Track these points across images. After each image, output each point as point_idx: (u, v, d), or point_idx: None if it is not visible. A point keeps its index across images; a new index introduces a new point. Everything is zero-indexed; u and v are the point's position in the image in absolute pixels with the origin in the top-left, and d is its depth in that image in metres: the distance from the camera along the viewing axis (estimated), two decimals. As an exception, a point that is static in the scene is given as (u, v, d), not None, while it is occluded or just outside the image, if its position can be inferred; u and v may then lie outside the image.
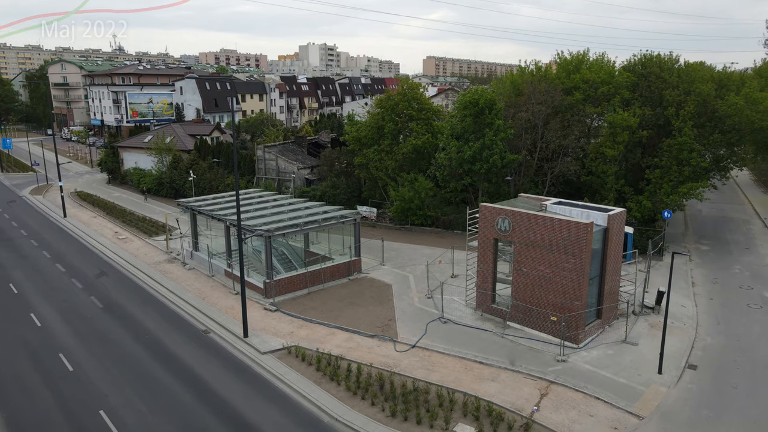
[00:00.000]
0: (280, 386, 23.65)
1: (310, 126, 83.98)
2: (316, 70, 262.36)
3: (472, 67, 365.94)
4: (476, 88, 45.92)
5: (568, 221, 25.58)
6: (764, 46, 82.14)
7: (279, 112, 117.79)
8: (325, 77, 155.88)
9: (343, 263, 35.94)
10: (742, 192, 60.70)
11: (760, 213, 51.03)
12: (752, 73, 62.87)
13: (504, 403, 21.47)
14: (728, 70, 48.86)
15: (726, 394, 22.15)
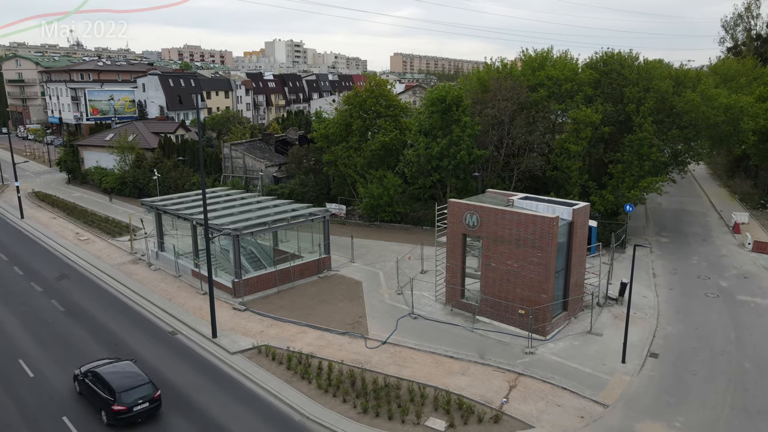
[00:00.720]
0: (250, 386, 23.42)
1: (277, 123, 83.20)
2: (283, 66, 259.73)
3: (439, 63, 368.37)
4: (443, 84, 46.29)
5: (535, 216, 26.04)
6: (719, 44, 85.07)
7: (245, 109, 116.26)
8: (292, 74, 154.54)
9: (312, 261, 35.77)
10: (699, 185, 62.84)
11: (716, 205, 52.94)
12: (708, 70, 65.06)
13: (474, 396, 21.76)
14: (685, 68, 50.46)
15: (686, 381, 22.95)
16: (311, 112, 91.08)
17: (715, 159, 64.96)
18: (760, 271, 35.46)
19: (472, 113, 43.06)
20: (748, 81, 55.20)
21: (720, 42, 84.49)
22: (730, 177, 64.14)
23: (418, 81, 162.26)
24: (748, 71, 59.96)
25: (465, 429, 19.99)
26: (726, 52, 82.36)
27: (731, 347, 25.75)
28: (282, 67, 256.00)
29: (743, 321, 28.49)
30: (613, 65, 43.48)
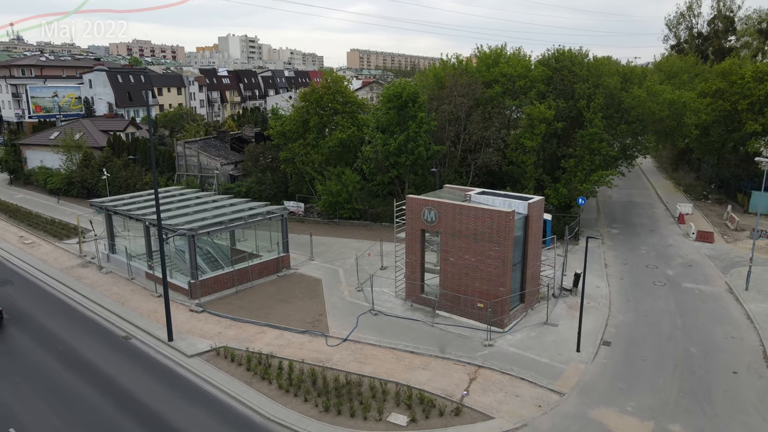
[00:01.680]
0: (208, 389, 22.95)
1: (232, 120, 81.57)
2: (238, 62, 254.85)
3: (395, 60, 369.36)
4: (400, 81, 46.43)
5: (492, 210, 26.47)
6: (663, 42, 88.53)
7: (199, 106, 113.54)
8: (247, 70, 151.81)
9: (271, 260, 35.32)
10: (646, 178, 65.31)
11: (662, 197, 55.14)
12: (653, 67, 67.61)
13: (435, 390, 21.99)
14: (631, 65, 52.25)
15: (636, 367, 23.85)
16: (267, 108, 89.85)
17: (660, 152, 67.63)
18: (703, 260, 37.15)
19: (428, 109, 43.38)
20: (690, 77, 57.76)
21: (664, 40, 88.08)
22: (675, 169, 66.93)
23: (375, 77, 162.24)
24: (690, 68, 62.72)
25: (427, 423, 20.17)
26: (669, 50, 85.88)
27: (678, 333, 26.90)
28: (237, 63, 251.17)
29: (688, 307, 29.80)
30: (564, 62, 44.63)
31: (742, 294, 30.98)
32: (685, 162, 66.39)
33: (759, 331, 26.65)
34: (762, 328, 26.96)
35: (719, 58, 71.92)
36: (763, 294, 30.95)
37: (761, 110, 46.91)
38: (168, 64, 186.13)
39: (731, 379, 22.83)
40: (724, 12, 77.21)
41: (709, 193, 54.71)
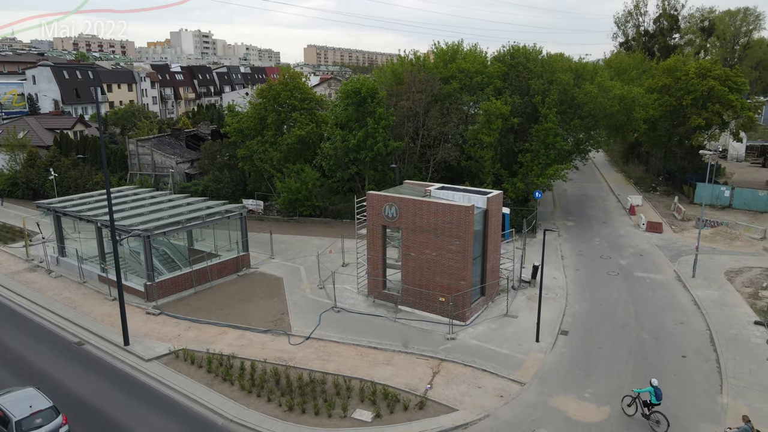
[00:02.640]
0: (168, 393, 22.39)
1: (187, 117, 79.59)
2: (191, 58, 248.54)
3: (353, 56, 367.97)
4: (358, 77, 46.33)
5: (451, 205, 26.76)
6: (612, 39, 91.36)
7: (152, 103, 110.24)
8: (202, 66, 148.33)
9: (230, 259, 34.71)
10: (599, 171, 67.35)
11: (614, 190, 57.01)
12: (603, 64, 69.66)
13: (399, 385, 22.11)
14: (583, 61, 53.74)
15: (593, 354, 24.61)
16: (223, 105, 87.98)
17: (612, 146, 69.82)
18: (653, 249, 38.62)
19: (387, 105, 43.46)
20: (638, 74, 59.74)
21: (613, 37, 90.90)
22: (626, 163, 69.29)
23: (332, 73, 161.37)
24: (638, 64, 64.88)
25: (391, 418, 20.27)
26: (619, 47, 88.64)
27: (631, 320, 27.90)
28: (190, 58, 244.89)
29: (640, 295, 30.95)
30: (519, 59, 45.49)
31: (690, 281, 32.38)
32: (634, 155, 68.80)
33: (705, 317, 27.92)
34: (708, 313, 28.25)
35: (665, 55, 74.69)
36: (708, 281, 32.43)
37: (704, 105, 49.02)
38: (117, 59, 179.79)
39: (681, 363, 23.85)
40: (668, 11, 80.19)
41: (658, 185, 56.89)
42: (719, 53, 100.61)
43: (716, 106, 48.52)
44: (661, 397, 19.56)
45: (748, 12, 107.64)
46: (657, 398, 19.55)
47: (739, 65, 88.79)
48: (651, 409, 19.58)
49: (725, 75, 49.96)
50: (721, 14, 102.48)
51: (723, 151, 69.24)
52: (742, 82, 50.89)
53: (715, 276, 33.11)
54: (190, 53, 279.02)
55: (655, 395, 19.54)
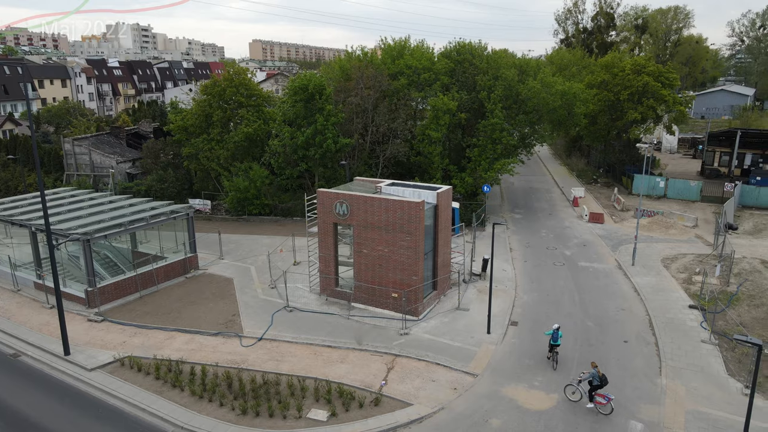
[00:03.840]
0: (114, 403, 21.54)
1: (127, 115, 76.58)
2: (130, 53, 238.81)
3: (300, 51, 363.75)
4: (305, 73, 45.87)
5: (402, 201, 26.91)
6: (553, 36, 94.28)
7: (88, 99, 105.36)
8: (142, 61, 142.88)
9: (177, 261, 33.70)
10: (544, 165, 69.38)
11: (558, 182, 58.87)
12: (545, 60, 71.70)
13: (354, 383, 22.11)
14: (526, 58, 55.11)
15: (541, 343, 25.35)
16: (166, 102, 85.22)
17: (555, 140, 71.96)
18: (595, 239, 40.16)
19: (335, 101, 43.22)
20: (579, 69, 61.80)
21: (554, 34, 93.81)
22: (568, 156, 71.66)
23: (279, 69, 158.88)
24: (578, 61, 67.12)
25: (347, 416, 20.26)
26: (559, 44, 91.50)
27: (576, 309, 28.94)
28: (129, 53, 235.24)
29: (585, 284, 32.13)
30: (465, 55, 46.17)
31: (630, 269, 33.87)
32: (577, 149, 71.25)
33: (645, 302, 29.29)
34: (647, 299, 29.65)
35: (602, 52, 77.69)
36: (647, 268, 34.02)
37: (639, 100, 51.29)
38: (49, 53, 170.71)
39: (623, 347, 24.94)
40: (605, 9, 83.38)
41: (599, 177, 59.15)
42: (652, 50, 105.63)
43: (650, 101, 50.86)
44: (557, 338, 23.21)
45: (678, 10, 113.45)
46: (554, 339, 23.22)
47: (671, 61, 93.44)
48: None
49: (658, 71, 52.40)
50: (653, 12, 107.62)
51: (657, 144, 72.68)
52: (673, 78, 53.54)
53: (653, 263, 34.76)
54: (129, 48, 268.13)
55: (553, 337, 23.22)
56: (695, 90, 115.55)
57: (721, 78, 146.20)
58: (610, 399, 20.05)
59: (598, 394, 20.30)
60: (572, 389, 21.26)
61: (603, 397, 20.16)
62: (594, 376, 20.29)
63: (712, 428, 19.01)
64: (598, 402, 20.23)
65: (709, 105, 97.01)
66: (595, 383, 20.35)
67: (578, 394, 21.05)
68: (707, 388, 21.56)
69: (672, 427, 19.36)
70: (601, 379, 20.25)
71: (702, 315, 27.47)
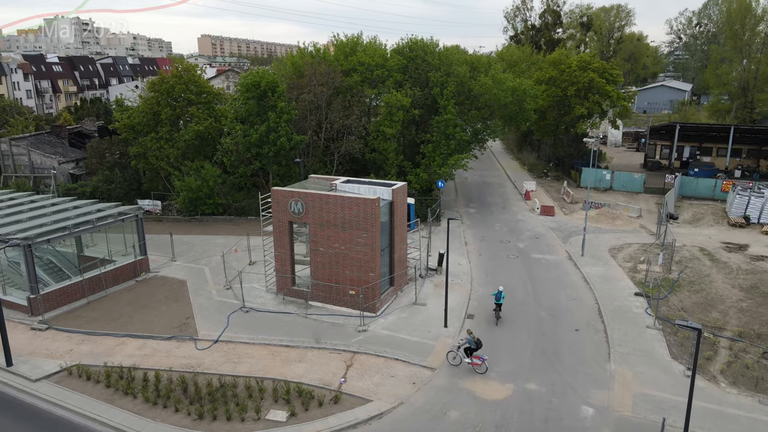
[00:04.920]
0: (62, 414, 20.72)
1: (69, 113, 73.31)
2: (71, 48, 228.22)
3: (251, 47, 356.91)
4: (257, 70, 45.13)
5: (358, 198, 26.91)
6: (503, 32, 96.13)
7: (26, 97, 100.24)
8: (84, 56, 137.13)
9: (127, 264, 32.63)
10: (496, 159, 70.73)
11: (511, 176, 60.17)
12: (496, 56, 73.04)
13: (313, 381, 22.03)
14: (478, 54, 55.97)
15: (497, 335, 25.93)
16: (111, 99, 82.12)
17: (507, 135, 73.58)
18: (547, 232, 41.30)
19: (288, 98, 42.72)
20: (528, 66, 63.27)
21: (504, 31, 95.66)
22: (520, 150, 73.33)
23: (230, 65, 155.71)
24: (527, 57, 68.70)
25: (307, 415, 20.17)
26: (509, 40, 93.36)
27: (530, 300, 29.72)
28: (69, 48, 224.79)
29: (537, 276, 33.03)
30: (418, 51, 46.50)
31: (579, 260, 35.02)
32: (527, 143, 72.99)
33: (594, 292, 30.37)
34: (596, 288, 30.75)
35: (550, 49, 79.74)
36: (595, 258, 35.26)
37: (586, 96, 52.92)
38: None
39: (574, 336, 25.79)
40: (552, 7, 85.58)
41: (549, 171, 60.80)
42: (597, 47, 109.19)
43: (596, 97, 52.58)
44: (500, 298, 26.93)
45: (621, 8, 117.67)
46: (497, 299, 26.95)
47: (614, 58, 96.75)
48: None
49: (603, 67, 54.21)
50: (597, 10, 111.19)
51: (603, 138, 75.30)
52: (617, 74, 55.50)
53: (601, 254, 36.06)
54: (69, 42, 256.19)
55: (497, 297, 26.97)
56: (637, 85, 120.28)
57: (661, 74, 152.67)
58: (484, 359, 22.71)
59: (474, 357, 22.77)
60: (453, 355, 23.38)
61: (478, 358, 22.76)
62: (470, 341, 22.80)
63: (657, 409, 19.93)
64: (475, 363, 22.75)
65: (651, 100, 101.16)
66: (471, 347, 22.78)
67: (458, 359, 23.17)
68: (652, 371, 22.58)
69: (621, 410, 20.20)
70: (476, 343, 22.81)
71: (647, 302, 28.71)
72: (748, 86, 70.01)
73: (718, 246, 37.00)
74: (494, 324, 26.73)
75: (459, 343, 23.41)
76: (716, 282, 31.07)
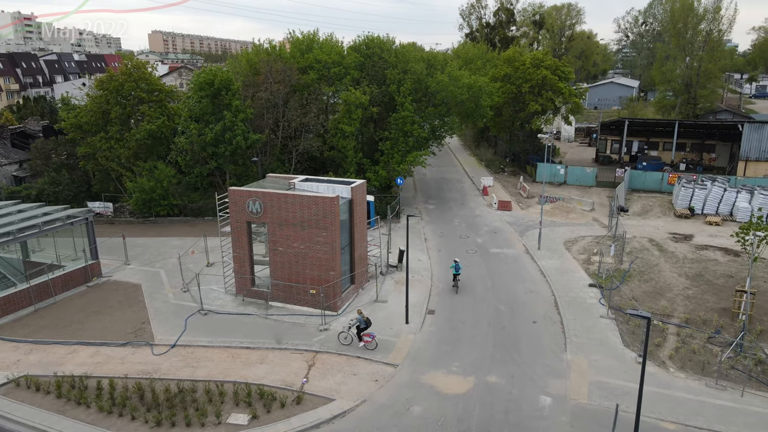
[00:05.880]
0: (10, 427, 19.82)
1: (11, 112, 70.00)
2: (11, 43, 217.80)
3: (204, 43, 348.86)
4: (211, 67, 44.16)
5: (317, 197, 26.75)
6: (459, 30, 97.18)
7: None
8: (26, 53, 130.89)
9: (77, 269, 31.46)
10: (454, 156, 71.53)
11: (468, 172, 60.99)
12: (452, 53, 73.76)
13: (275, 383, 21.80)
14: (434, 51, 56.45)
15: (457, 330, 26.30)
16: (56, 98, 78.85)
17: (464, 132, 74.50)
18: (504, 226, 42.09)
19: (244, 96, 42.01)
20: (483, 63, 64.15)
21: (459, 28, 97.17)
22: (477, 147, 74.39)
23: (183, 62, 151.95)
24: (483, 55, 69.57)
25: (269, 417, 19.95)
26: (465, 38, 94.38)
27: (489, 294, 30.24)
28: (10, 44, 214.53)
29: (496, 270, 33.63)
30: (374, 49, 46.48)
31: (536, 253, 35.85)
32: (484, 139, 74.11)
33: (550, 284, 31.17)
34: (552, 280, 31.56)
35: (505, 46, 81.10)
36: (551, 251, 36.17)
37: (539, 93, 54.16)
38: None
39: (532, 328, 26.41)
40: (505, 5, 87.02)
41: (505, 166, 61.93)
42: (549, 45, 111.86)
43: (549, 93, 53.89)
44: (458, 270, 30.33)
45: (571, 7, 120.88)
46: (456, 270, 30.30)
47: (566, 56, 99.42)
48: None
49: (555, 65, 55.58)
50: (549, 9, 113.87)
51: (557, 134, 77.20)
52: (569, 71, 57.02)
53: (556, 246, 37.02)
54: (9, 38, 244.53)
55: (456, 268, 30.28)
56: (588, 82, 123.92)
57: (611, 71, 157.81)
58: (374, 336, 24.04)
59: (365, 335, 23.99)
60: (344, 335, 24.49)
61: (368, 335, 24.04)
62: (360, 321, 24.04)
63: (611, 396, 20.65)
64: (366, 341, 24.01)
65: (601, 96, 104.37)
66: (361, 326, 24.02)
67: (349, 338, 24.29)
68: (606, 359, 23.36)
69: (577, 398, 20.83)
70: (366, 322, 24.11)
71: (600, 292, 29.67)
72: (690, 83, 73.18)
73: (665, 236, 38.57)
74: (454, 293, 30.05)
75: (350, 323, 24.51)
76: (664, 271, 32.39)
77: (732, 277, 31.30)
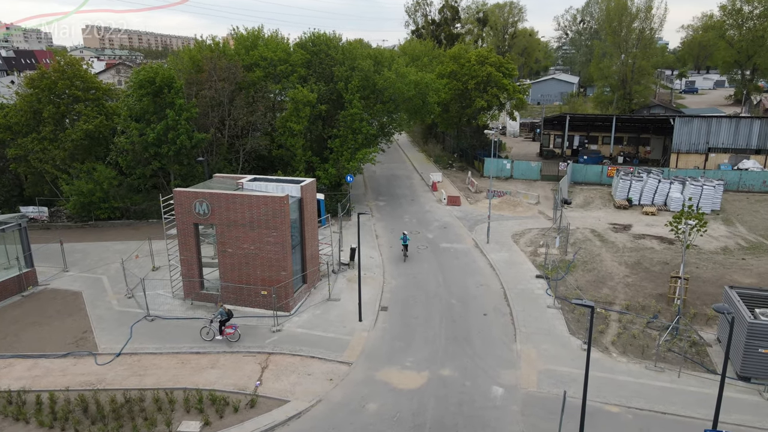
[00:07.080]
0: (-60, 450, 18.62)
1: (-69, 112, 65.27)
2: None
3: (144, 39, 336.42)
4: (151, 64, 42.66)
5: (265, 197, 26.34)
6: (405, 27, 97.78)
7: None
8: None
9: (10, 279, 29.78)
10: (403, 152, 72.03)
11: (418, 168, 61.57)
12: (399, 50, 74.14)
13: (227, 387, 21.38)
14: (381, 48, 56.56)
15: (410, 325, 26.56)
16: (-18, 96, 74.16)
17: (413, 128, 75.18)
18: (454, 221, 42.77)
19: (187, 95, 40.81)
20: (430, 60, 64.85)
21: (405, 25, 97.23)
22: (426, 143, 75.18)
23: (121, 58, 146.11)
24: (429, 51, 70.37)
25: (222, 423, 19.55)
26: (411, 35, 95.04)
27: (441, 289, 30.67)
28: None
29: (447, 265, 34.14)
30: (321, 46, 46.13)
31: (485, 247, 36.63)
32: (432, 136, 74.97)
33: (499, 276, 31.92)
34: (501, 273, 32.34)
35: (450, 43, 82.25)
36: (500, 244, 37.04)
37: (485, 89, 55.26)
38: None
39: (483, 320, 26.99)
40: (450, 2, 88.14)
41: (454, 161, 62.89)
42: (493, 42, 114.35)
43: (494, 90, 55.06)
44: (406, 240, 34.22)
45: (513, 5, 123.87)
46: (404, 241, 34.14)
47: (509, 53, 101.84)
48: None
49: (499, 62, 56.81)
50: (492, 7, 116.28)
51: (502, 129, 79.05)
52: (512, 68, 58.40)
53: (505, 240, 37.94)
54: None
55: (404, 240, 34.04)
56: (531, 79, 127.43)
57: (552, 67, 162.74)
58: (236, 328, 24.51)
59: (227, 326, 24.30)
60: (206, 330, 24.72)
61: (230, 327, 24.41)
62: (222, 314, 24.30)
63: (559, 383, 21.39)
64: (228, 333, 24.33)
65: (543, 92, 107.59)
66: (223, 319, 24.30)
67: (211, 333, 24.52)
68: (554, 348, 24.17)
69: (527, 387, 21.46)
70: (228, 314, 24.45)
71: (546, 283, 30.64)
72: (626, 79, 76.51)
73: (606, 227, 40.22)
74: (403, 261, 33.92)
75: (212, 317, 24.59)
76: (606, 261, 33.79)
77: (667, 264, 33.00)
